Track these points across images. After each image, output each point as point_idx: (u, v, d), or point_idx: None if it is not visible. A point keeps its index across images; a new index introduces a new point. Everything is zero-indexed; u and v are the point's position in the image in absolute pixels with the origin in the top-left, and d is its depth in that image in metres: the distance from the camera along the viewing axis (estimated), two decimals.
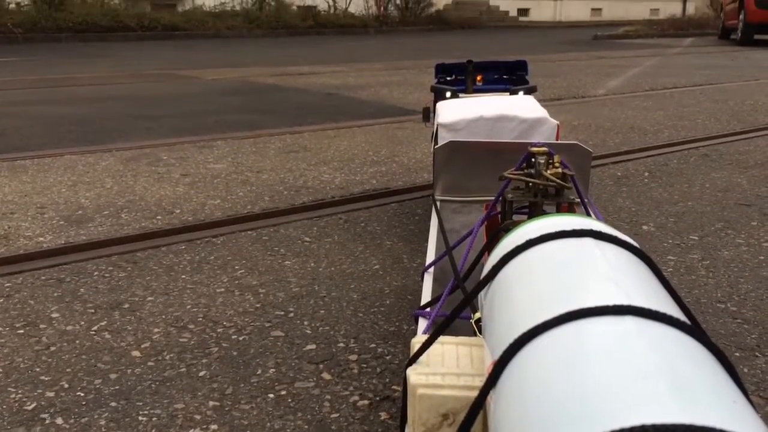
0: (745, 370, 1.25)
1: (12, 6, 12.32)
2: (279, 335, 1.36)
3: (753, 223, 2.08)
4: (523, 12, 19.94)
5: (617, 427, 0.40)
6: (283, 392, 1.16)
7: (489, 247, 0.93)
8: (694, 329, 0.52)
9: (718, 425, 0.39)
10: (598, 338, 0.51)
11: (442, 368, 0.75)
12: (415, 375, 0.74)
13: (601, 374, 0.47)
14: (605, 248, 0.67)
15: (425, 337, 0.80)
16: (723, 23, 12.82)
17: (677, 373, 0.46)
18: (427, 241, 1.45)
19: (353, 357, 1.28)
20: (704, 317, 1.45)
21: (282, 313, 1.47)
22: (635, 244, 0.70)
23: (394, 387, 1.18)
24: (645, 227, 2.04)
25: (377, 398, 1.14)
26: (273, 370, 1.23)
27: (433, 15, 16.58)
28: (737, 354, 1.30)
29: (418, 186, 2.48)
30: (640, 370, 0.46)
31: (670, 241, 1.92)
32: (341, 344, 1.33)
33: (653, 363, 0.47)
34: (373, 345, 1.32)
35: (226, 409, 1.11)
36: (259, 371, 1.23)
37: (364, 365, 1.25)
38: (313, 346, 1.32)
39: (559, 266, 0.64)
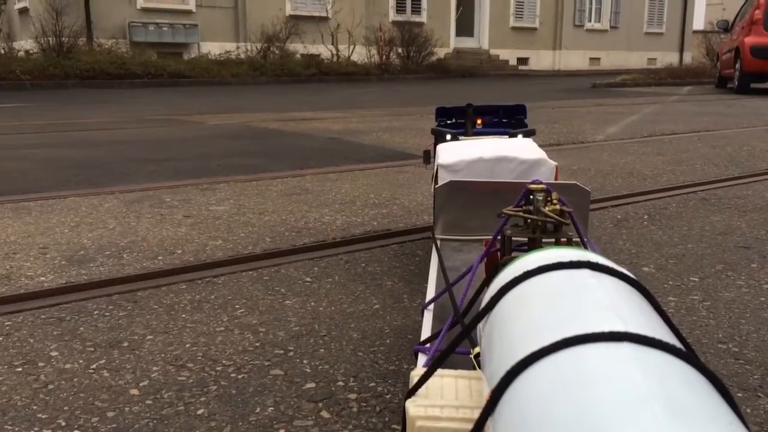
0: (748, 410, 1.23)
1: (21, 54, 12.59)
2: (278, 374, 1.36)
3: (753, 265, 2.08)
4: (523, 61, 20.31)
5: None
6: (282, 431, 1.15)
7: (488, 282, 0.93)
8: (689, 355, 0.52)
9: None
10: (595, 364, 0.51)
11: (441, 400, 0.75)
12: (413, 407, 0.74)
13: (598, 399, 0.47)
14: (602, 278, 0.67)
15: (424, 370, 0.80)
16: (720, 72, 13.04)
17: (673, 398, 0.46)
18: (427, 281, 1.46)
19: (353, 396, 1.27)
20: (706, 357, 1.44)
21: (282, 351, 1.46)
22: (631, 275, 0.71)
23: (393, 426, 1.16)
24: (645, 269, 2.04)
25: None
26: (272, 408, 1.22)
27: (435, 63, 16.90)
28: (740, 395, 1.29)
29: (418, 228, 2.49)
30: (637, 395, 0.46)
31: (671, 282, 1.92)
32: (341, 383, 1.32)
33: (649, 388, 0.47)
34: (372, 384, 1.31)
35: None
36: (258, 410, 1.22)
37: (364, 404, 1.24)
38: (313, 385, 1.31)
39: (557, 295, 0.64)
